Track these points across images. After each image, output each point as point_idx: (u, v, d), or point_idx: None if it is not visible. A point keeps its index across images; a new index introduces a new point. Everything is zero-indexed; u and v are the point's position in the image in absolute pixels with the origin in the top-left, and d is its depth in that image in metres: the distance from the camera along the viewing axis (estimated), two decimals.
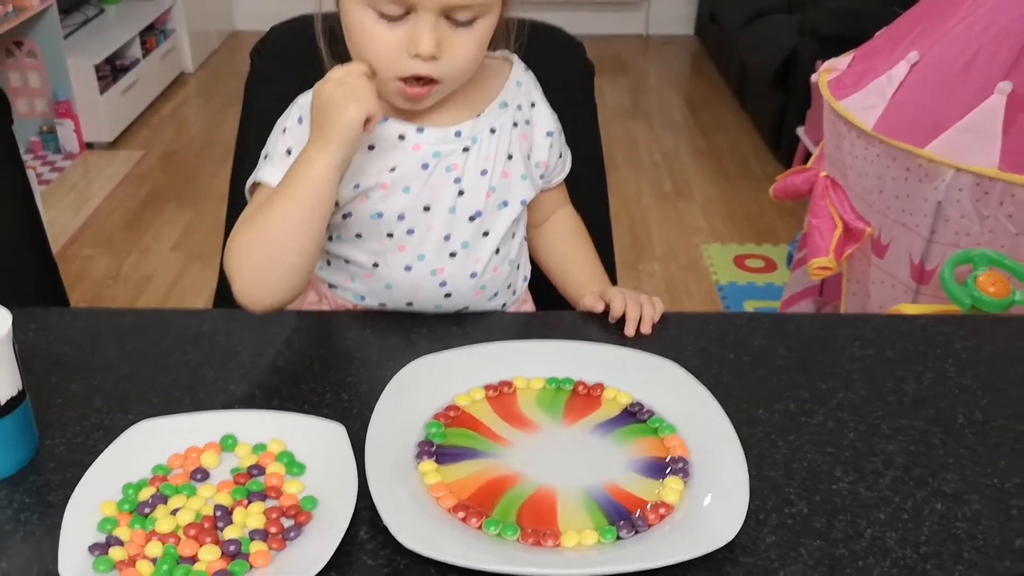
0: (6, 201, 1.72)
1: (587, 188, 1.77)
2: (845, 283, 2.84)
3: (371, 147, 1.39)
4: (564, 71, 1.78)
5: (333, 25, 1.39)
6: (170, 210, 4.49)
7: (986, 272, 2.24)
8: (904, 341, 1.42)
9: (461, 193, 1.43)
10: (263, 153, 1.43)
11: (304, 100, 1.41)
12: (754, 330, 1.44)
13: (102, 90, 4.97)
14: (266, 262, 1.31)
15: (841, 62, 2.89)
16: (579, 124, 1.77)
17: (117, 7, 5.61)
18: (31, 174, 4.21)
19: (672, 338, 1.42)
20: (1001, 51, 2.37)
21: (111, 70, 5.17)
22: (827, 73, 2.87)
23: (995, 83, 2.34)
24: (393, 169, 1.40)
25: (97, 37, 5.24)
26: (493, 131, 1.45)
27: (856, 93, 2.66)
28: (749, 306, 3.76)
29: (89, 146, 5.05)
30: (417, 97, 1.34)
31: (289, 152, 1.38)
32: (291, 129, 1.40)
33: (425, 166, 1.41)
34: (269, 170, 1.38)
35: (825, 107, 2.78)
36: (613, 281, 1.83)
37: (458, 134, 1.42)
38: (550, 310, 1.58)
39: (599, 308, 1.46)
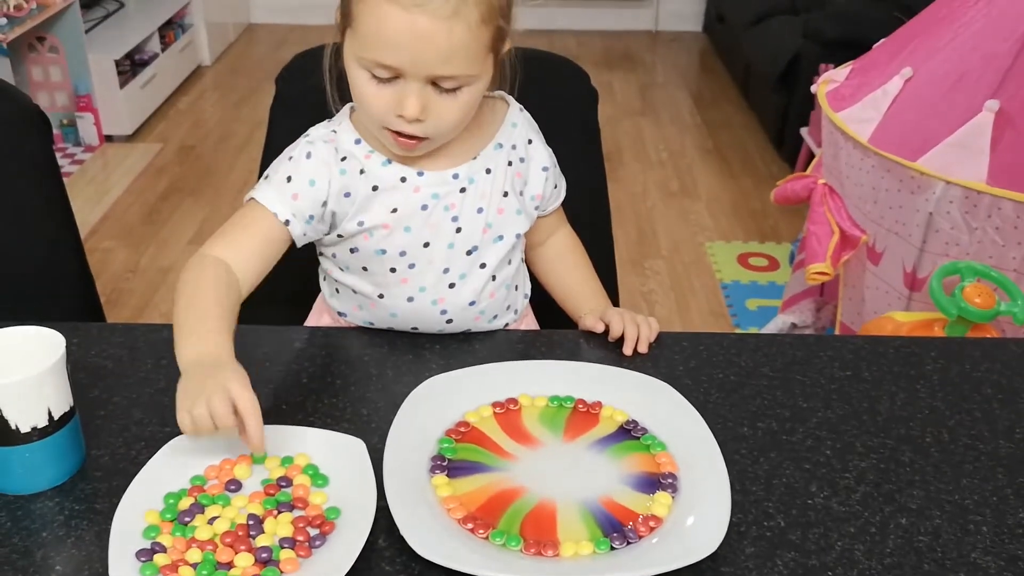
0: (48, 219, 1.82)
1: (589, 210, 1.87)
2: (842, 288, 2.94)
3: (375, 188, 1.48)
4: (569, 98, 1.88)
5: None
6: (188, 204, 4.59)
7: (973, 283, 2.33)
8: (880, 363, 1.52)
9: (459, 230, 1.52)
10: (266, 172, 1.51)
11: (316, 134, 1.52)
12: (741, 350, 1.55)
13: (122, 84, 5.08)
14: None
15: (840, 73, 2.98)
16: (582, 149, 1.86)
17: (137, 1, 5.71)
18: None
19: (666, 357, 1.53)
20: (989, 71, 2.46)
21: (130, 64, 5.28)
22: (826, 84, 2.97)
23: (983, 101, 2.43)
24: (395, 210, 1.49)
25: (117, 32, 5.35)
26: (489, 171, 1.53)
27: (853, 106, 2.76)
28: (752, 304, 3.85)
29: (108, 139, 5.16)
30: (408, 147, 1.44)
31: (289, 180, 1.46)
32: (297, 160, 1.48)
33: (424, 207, 1.50)
34: (265, 192, 1.46)
35: (823, 118, 2.88)
36: (614, 283, 1.93)
37: (455, 176, 1.51)
38: (552, 328, 1.68)
39: (599, 328, 1.57)
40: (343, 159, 1.48)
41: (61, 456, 1.24)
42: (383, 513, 1.17)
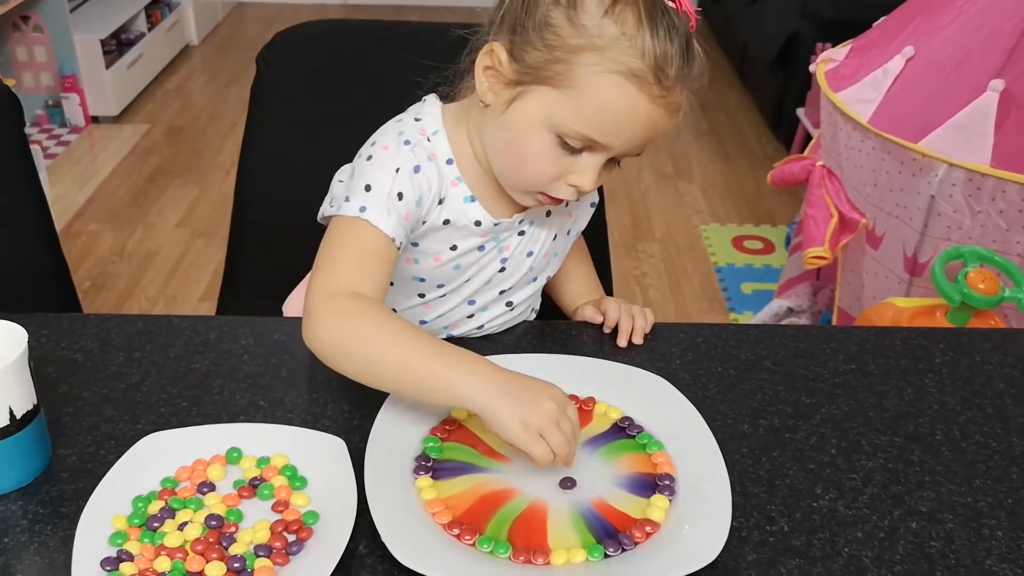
0: (21, 206, 1.75)
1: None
2: (840, 272, 2.88)
3: (446, 222, 1.37)
4: None
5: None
6: (175, 185, 4.52)
7: (976, 268, 2.27)
8: (886, 355, 1.46)
9: (502, 270, 1.45)
10: (364, 183, 1.30)
11: (415, 139, 1.34)
12: (741, 342, 1.48)
13: (108, 64, 5.01)
14: (359, 376, 1.23)
15: (839, 52, 2.92)
16: None
17: None
18: (36, 148, 4.24)
19: (662, 350, 1.47)
20: (993, 50, 2.40)
21: (117, 44, 5.21)
22: (825, 63, 2.90)
23: (987, 81, 2.37)
24: (454, 247, 1.40)
25: (103, 11, 5.27)
26: (549, 214, 1.45)
27: (853, 86, 2.69)
28: (747, 288, 3.79)
29: (95, 120, 5.09)
30: (554, 204, 1.36)
31: (401, 196, 1.29)
32: (404, 172, 1.30)
33: (482, 248, 1.41)
34: (379, 213, 1.27)
35: (822, 98, 2.82)
36: (607, 268, 1.86)
37: (520, 221, 1.42)
38: (543, 318, 1.61)
39: (598, 319, 1.51)
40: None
41: (24, 457, 1.17)
42: (364, 517, 1.11)
